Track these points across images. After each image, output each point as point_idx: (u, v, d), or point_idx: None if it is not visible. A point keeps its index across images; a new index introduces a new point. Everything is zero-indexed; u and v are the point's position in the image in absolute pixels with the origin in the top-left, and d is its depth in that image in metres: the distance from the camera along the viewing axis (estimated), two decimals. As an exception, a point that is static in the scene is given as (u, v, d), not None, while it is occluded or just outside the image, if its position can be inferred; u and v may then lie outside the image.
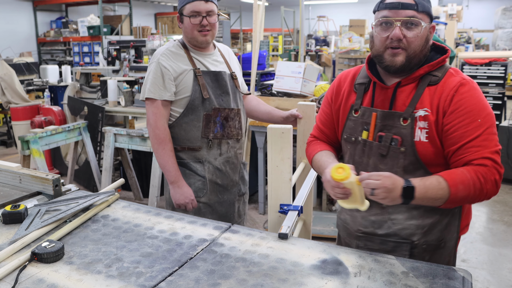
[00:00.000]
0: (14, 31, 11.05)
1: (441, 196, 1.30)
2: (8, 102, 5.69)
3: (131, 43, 5.62)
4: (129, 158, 4.59)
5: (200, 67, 2.11)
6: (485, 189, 1.32)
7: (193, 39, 2.09)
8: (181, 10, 2.05)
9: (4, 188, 1.89)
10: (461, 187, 1.29)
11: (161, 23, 14.14)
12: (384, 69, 1.45)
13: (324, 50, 8.25)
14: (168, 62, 2.06)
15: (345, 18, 13.78)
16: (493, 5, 14.21)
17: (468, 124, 1.34)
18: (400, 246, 1.49)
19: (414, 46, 1.37)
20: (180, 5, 2.05)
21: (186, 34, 2.10)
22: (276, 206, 1.69)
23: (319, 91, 4.06)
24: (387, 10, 1.37)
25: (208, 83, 2.10)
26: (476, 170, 1.31)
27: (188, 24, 2.05)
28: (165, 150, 2.05)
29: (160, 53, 2.09)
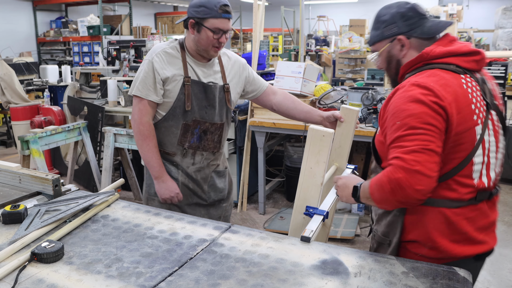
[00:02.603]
0: (14, 31, 11.04)
1: (369, 196, 1.41)
2: (8, 102, 5.69)
3: (131, 43, 5.61)
4: (129, 158, 4.59)
5: (192, 75, 2.08)
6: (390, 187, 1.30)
7: (205, 51, 2.05)
8: (202, 20, 1.97)
9: (4, 188, 1.89)
10: (375, 187, 1.37)
11: (161, 23, 14.14)
12: None
13: (324, 50, 8.25)
14: (161, 64, 2.03)
15: (345, 18, 13.77)
16: (493, 5, 14.20)
17: (390, 127, 1.39)
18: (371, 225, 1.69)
19: (383, 67, 1.63)
20: (202, 15, 1.96)
21: (198, 44, 2.04)
22: (301, 207, 1.69)
23: (319, 91, 4.06)
24: None
25: (195, 93, 2.08)
26: (385, 170, 1.35)
27: (207, 38, 1.99)
28: (149, 146, 2.07)
29: (155, 53, 2.06)
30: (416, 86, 1.37)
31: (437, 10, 8.26)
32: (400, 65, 1.55)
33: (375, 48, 1.60)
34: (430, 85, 1.36)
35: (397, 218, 1.50)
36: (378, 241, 1.60)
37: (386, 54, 1.57)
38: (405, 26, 1.50)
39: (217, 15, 1.95)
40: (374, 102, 3.60)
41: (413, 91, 1.36)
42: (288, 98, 2.33)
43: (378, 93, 3.71)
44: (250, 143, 4.34)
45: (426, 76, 1.40)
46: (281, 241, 1.46)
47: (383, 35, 1.55)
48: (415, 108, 1.33)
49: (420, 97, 1.34)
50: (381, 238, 1.58)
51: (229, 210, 2.41)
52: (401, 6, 1.52)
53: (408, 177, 1.27)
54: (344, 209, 4.30)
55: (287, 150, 4.73)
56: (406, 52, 1.52)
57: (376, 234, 1.61)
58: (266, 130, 4.12)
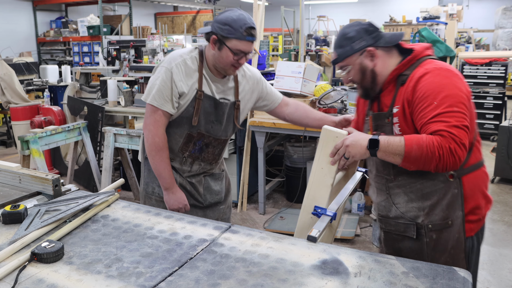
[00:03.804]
0: (14, 31, 11.04)
1: (399, 152, 1.50)
2: (8, 102, 5.69)
3: (131, 43, 5.61)
4: (129, 158, 4.59)
5: (206, 89, 2.05)
6: (438, 154, 1.45)
7: (223, 69, 2.02)
8: (225, 39, 1.92)
9: (4, 188, 1.89)
10: (415, 147, 1.47)
11: (161, 23, 14.13)
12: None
13: (324, 50, 8.24)
14: (179, 76, 1.99)
15: (345, 18, 13.76)
16: (493, 5, 14.20)
17: (426, 107, 1.53)
18: (409, 227, 1.69)
19: (357, 80, 1.75)
20: (226, 34, 1.91)
21: (217, 61, 1.99)
22: (310, 207, 1.69)
23: (319, 91, 4.06)
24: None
25: (205, 108, 2.05)
26: (432, 137, 1.48)
27: (227, 57, 1.95)
28: (162, 157, 2.05)
29: (175, 62, 2.00)
30: (440, 70, 1.58)
31: (437, 10, 8.26)
32: (375, 73, 1.70)
33: (346, 63, 1.73)
34: (447, 68, 1.60)
35: (456, 195, 1.62)
36: (437, 230, 1.65)
37: (359, 66, 1.71)
38: (371, 39, 1.69)
39: (241, 37, 1.90)
40: (374, 102, 3.60)
41: (440, 75, 1.56)
42: (300, 108, 2.32)
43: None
44: (250, 143, 4.34)
45: (434, 64, 1.62)
46: (281, 241, 1.46)
47: (353, 49, 1.69)
48: (449, 89, 1.53)
49: (448, 80, 1.55)
50: (440, 224, 1.64)
51: (227, 212, 2.39)
52: (361, 24, 1.72)
53: (457, 148, 1.46)
54: (344, 209, 4.30)
55: (287, 150, 4.73)
56: (377, 61, 1.70)
57: (433, 224, 1.65)
58: (266, 130, 4.12)
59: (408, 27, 8.75)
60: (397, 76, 1.68)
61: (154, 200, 2.21)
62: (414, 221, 1.68)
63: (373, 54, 1.68)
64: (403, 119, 1.63)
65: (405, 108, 1.62)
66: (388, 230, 1.77)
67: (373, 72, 1.70)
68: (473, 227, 1.66)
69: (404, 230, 1.70)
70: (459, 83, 1.56)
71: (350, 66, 1.72)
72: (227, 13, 1.94)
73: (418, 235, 1.67)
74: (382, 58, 1.70)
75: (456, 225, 1.64)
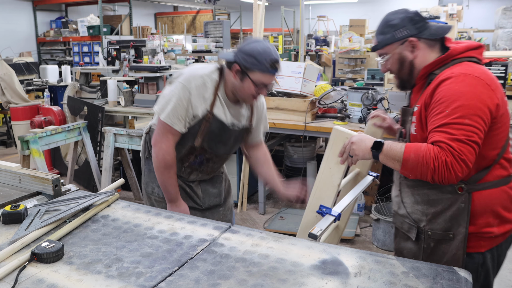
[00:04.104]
0: (14, 31, 11.04)
1: (398, 158, 1.48)
2: (8, 102, 5.69)
3: (131, 43, 5.60)
4: (129, 158, 4.59)
5: (218, 112, 2.01)
6: (433, 165, 1.41)
7: (242, 99, 2.00)
8: (248, 71, 1.88)
9: (4, 188, 1.89)
10: (413, 155, 1.44)
11: (161, 23, 14.14)
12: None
13: (324, 50, 8.24)
14: (197, 99, 1.95)
15: (345, 18, 13.75)
16: (493, 5, 14.19)
17: (437, 114, 1.48)
18: (411, 228, 1.67)
19: (394, 69, 1.69)
20: (250, 65, 1.87)
21: (238, 91, 1.96)
22: (315, 206, 1.69)
23: (319, 91, 4.06)
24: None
25: (212, 129, 2.03)
26: (431, 147, 1.44)
27: (249, 89, 1.92)
28: (170, 173, 2.04)
29: (195, 82, 1.95)
30: (466, 76, 1.49)
31: (437, 10, 8.26)
32: (413, 65, 1.64)
33: (385, 51, 1.67)
34: (475, 74, 1.49)
35: (462, 210, 1.55)
36: (436, 239, 1.61)
37: (398, 56, 1.65)
38: (415, 29, 1.61)
39: (265, 70, 1.87)
40: (374, 102, 3.60)
41: (463, 82, 1.48)
42: (263, 158, 2.29)
43: (378, 93, 3.71)
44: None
45: (465, 67, 1.53)
46: (281, 241, 1.46)
47: (394, 38, 1.63)
48: (466, 99, 1.45)
49: (470, 88, 1.46)
50: (441, 235, 1.60)
51: (227, 215, 2.38)
52: (407, 12, 1.63)
53: (454, 163, 1.40)
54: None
55: (287, 150, 4.73)
56: (418, 52, 1.63)
57: (433, 233, 1.61)
58: (266, 130, 4.11)
59: (408, 27, 8.72)
60: (427, 74, 1.62)
61: (154, 200, 2.21)
62: (416, 224, 1.65)
63: (414, 45, 1.62)
64: (419, 120, 1.59)
65: (422, 110, 1.57)
66: (397, 226, 1.78)
67: (411, 64, 1.64)
68: (484, 243, 1.59)
69: (407, 229, 1.69)
70: (484, 94, 1.46)
71: (388, 55, 1.66)
72: (252, 44, 1.89)
73: (418, 238, 1.65)
74: (423, 50, 1.63)
75: (457, 241, 1.58)
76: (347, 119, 3.81)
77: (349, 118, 3.80)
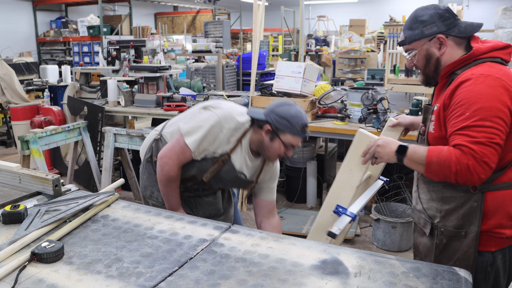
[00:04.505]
0: (14, 31, 11.03)
1: (421, 162, 1.51)
2: (8, 102, 5.68)
3: (131, 43, 5.60)
4: (129, 158, 4.59)
5: (234, 157, 2.05)
6: (456, 169, 1.43)
7: (267, 156, 2.05)
8: (279, 132, 1.95)
9: (4, 188, 1.89)
10: (435, 159, 1.47)
11: (161, 23, 14.14)
12: None
13: (324, 50, 8.24)
14: (224, 138, 2.00)
15: (345, 18, 13.75)
16: (493, 5, 14.19)
17: (457, 116, 1.49)
18: (426, 224, 1.70)
19: (420, 66, 1.68)
20: (282, 127, 1.93)
21: (266, 149, 2.01)
22: (332, 205, 1.72)
23: (319, 91, 4.06)
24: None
25: (222, 171, 2.07)
26: (453, 150, 1.46)
27: (278, 149, 1.98)
28: (173, 187, 2.08)
29: (228, 124, 2.00)
30: (486, 77, 1.48)
31: (437, 10, 8.24)
32: (439, 63, 1.64)
33: (412, 47, 1.67)
34: (496, 75, 1.48)
35: (475, 209, 1.57)
36: (448, 236, 1.63)
37: (425, 52, 1.65)
38: (444, 26, 1.60)
39: (296, 132, 1.94)
40: (374, 102, 3.60)
41: (483, 83, 1.48)
42: (273, 226, 2.24)
43: (378, 93, 3.71)
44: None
45: (486, 68, 1.52)
46: (281, 241, 1.46)
47: (423, 34, 1.63)
48: (486, 101, 1.45)
49: (490, 90, 1.46)
50: (453, 232, 1.62)
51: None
52: (437, 8, 1.63)
53: (476, 166, 1.42)
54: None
55: (287, 150, 4.73)
56: (445, 50, 1.63)
57: (446, 229, 1.64)
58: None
59: (408, 27, 8.72)
60: (449, 73, 1.62)
61: (152, 204, 2.21)
62: (431, 220, 1.68)
63: (442, 42, 1.61)
64: (437, 119, 1.60)
65: (441, 110, 1.58)
66: (415, 221, 1.81)
67: (438, 61, 1.64)
68: (494, 243, 1.59)
69: (423, 225, 1.73)
70: (504, 95, 1.45)
71: (415, 51, 1.66)
72: (285, 107, 1.96)
73: (431, 234, 1.69)
74: (450, 48, 1.62)
75: (469, 239, 1.59)
76: (347, 119, 3.81)
77: (349, 118, 3.80)
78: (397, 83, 4.66)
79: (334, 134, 3.81)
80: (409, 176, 4.20)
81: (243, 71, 7.26)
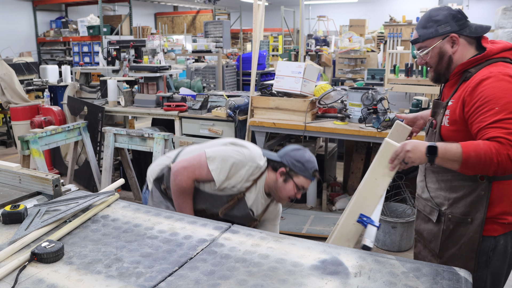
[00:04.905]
0: (14, 31, 11.03)
1: (456, 159, 1.53)
2: (8, 102, 5.68)
3: (131, 43, 5.60)
4: (129, 158, 4.58)
5: (248, 195, 2.15)
6: (497, 160, 1.47)
7: (279, 198, 2.14)
8: (294, 174, 2.08)
9: (4, 188, 1.89)
10: (473, 154, 1.50)
11: (161, 23, 14.14)
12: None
13: (324, 50, 8.25)
14: (244, 176, 2.08)
15: (345, 18, 13.76)
16: (493, 5, 14.20)
17: (486, 112, 1.54)
18: (433, 211, 1.80)
19: (432, 63, 1.76)
20: (297, 170, 2.07)
21: (278, 190, 2.11)
22: (355, 214, 1.73)
23: (319, 91, 4.06)
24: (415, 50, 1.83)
25: (234, 208, 2.16)
26: (490, 143, 1.50)
27: (290, 191, 2.09)
28: (185, 198, 2.13)
29: (251, 163, 2.09)
30: (504, 74, 1.57)
31: (437, 10, 8.25)
32: (451, 60, 1.72)
33: (426, 45, 1.74)
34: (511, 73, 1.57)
35: (482, 197, 1.66)
36: (455, 222, 1.72)
37: (438, 50, 1.73)
38: (457, 26, 1.70)
39: (309, 176, 2.09)
40: (374, 102, 3.60)
41: (504, 80, 1.56)
42: None
43: (378, 93, 3.71)
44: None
45: (501, 68, 1.61)
46: (281, 241, 1.46)
47: (437, 32, 1.71)
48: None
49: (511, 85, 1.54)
50: (460, 218, 1.71)
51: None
52: (450, 9, 1.72)
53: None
54: (344, 209, 4.30)
55: (287, 150, 4.73)
56: (457, 48, 1.71)
57: (453, 216, 1.72)
58: (266, 130, 4.12)
59: (408, 27, 8.75)
60: (462, 71, 1.71)
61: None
62: (438, 207, 1.77)
63: (455, 40, 1.70)
64: (453, 114, 1.66)
65: (459, 106, 1.64)
66: (419, 209, 1.90)
67: (450, 59, 1.72)
68: (498, 228, 1.68)
69: (429, 212, 1.82)
70: None
71: (429, 48, 1.74)
72: (300, 152, 2.12)
73: (438, 221, 1.77)
74: (462, 46, 1.71)
75: (475, 225, 1.68)
76: (347, 119, 3.81)
77: (349, 118, 3.80)
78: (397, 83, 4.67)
79: (334, 134, 3.81)
80: (409, 176, 4.21)
81: (243, 71, 7.26)
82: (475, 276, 1.70)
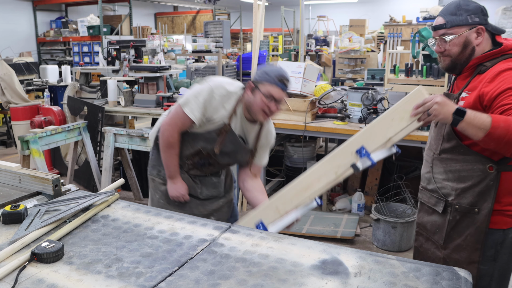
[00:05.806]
0: (14, 31, 11.03)
1: (484, 127, 1.53)
2: (8, 102, 5.69)
3: (131, 43, 5.60)
4: (129, 158, 4.59)
5: (232, 125, 2.15)
6: None
7: (254, 114, 2.11)
8: (258, 84, 2.06)
9: (4, 188, 1.89)
10: (503, 124, 1.51)
11: (161, 23, 14.13)
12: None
13: (324, 50, 8.25)
14: (218, 104, 2.10)
15: (345, 18, 13.75)
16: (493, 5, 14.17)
17: (508, 97, 1.56)
18: (439, 202, 1.81)
19: (453, 52, 1.75)
20: (260, 79, 2.06)
21: (250, 105, 2.10)
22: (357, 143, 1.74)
23: (319, 91, 4.06)
24: (432, 31, 1.82)
25: (227, 141, 2.16)
26: None
27: (259, 101, 2.05)
28: (171, 154, 2.21)
29: (220, 90, 2.11)
30: None
31: (437, 10, 8.25)
32: (473, 52, 1.74)
33: (453, 32, 1.74)
34: None
35: (490, 187, 1.68)
36: (462, 212, 1.74)
37: (464, 39, 1.74)
38: (484, 20, 1.74)
39: (273, 81, 2.04)
40: (374, 102, 3.60)
41: None
42: (258, 188, 2.32)
43: (378, 93, 3.71)
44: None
45: None
46: (281, 241, 1.46)
47: (467, 21, 1.73)
48: None
49: None
50: (466, 208, 1.73)
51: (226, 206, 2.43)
52: (478, 3, 1.75)
53: None
54: (344, 209, 4.30)
55: (287, 150, 4.74)
56: (481, 41, 1.74)
57: (460, 206, 1.74)
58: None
59: (408, 27, 8.75)
60: (477, 64, 1.73)
61: (158, 183, 2.33)
62: (445, 198, 1.78)
63: (481, 33, 1.73)
64: (469, 106, 1.66)
65: (474, 97, 1.66)
66: (423, 201, 1.91)
67: (473, 50, 1.74)
68: (508, 220, 1.70)
69: (434, 203, 1.83)
70: None
71: (454, 36, 1.74)
72: (268, 65, 2.15)
73: (444, 211, 1.79)
74: (485, 40, 1.75)
75: (481, 215, 1.70)
76: (347, 119, 3.81)
77: (349, 118, 3.80)
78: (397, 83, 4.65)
79: (334, 134, 3.81)
80: (409, 176, 4.20)
81: (243, 71, 7.25)
82: (481, 270, 1.71)
